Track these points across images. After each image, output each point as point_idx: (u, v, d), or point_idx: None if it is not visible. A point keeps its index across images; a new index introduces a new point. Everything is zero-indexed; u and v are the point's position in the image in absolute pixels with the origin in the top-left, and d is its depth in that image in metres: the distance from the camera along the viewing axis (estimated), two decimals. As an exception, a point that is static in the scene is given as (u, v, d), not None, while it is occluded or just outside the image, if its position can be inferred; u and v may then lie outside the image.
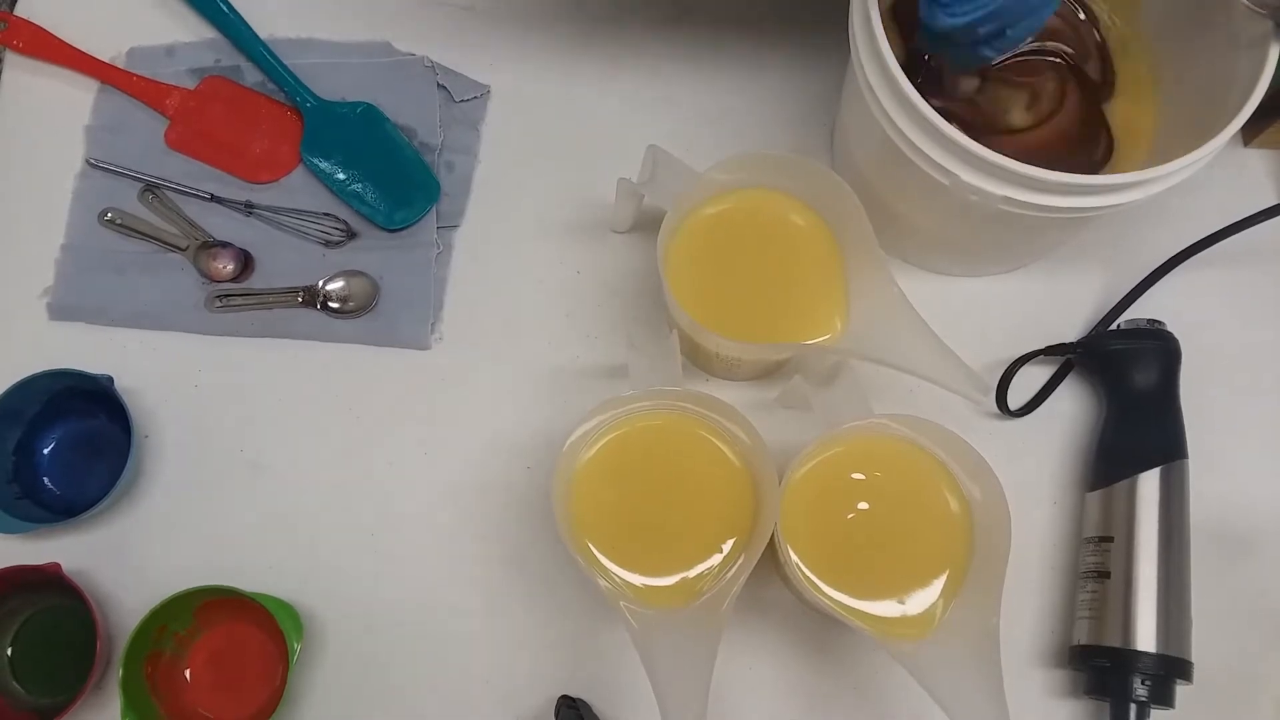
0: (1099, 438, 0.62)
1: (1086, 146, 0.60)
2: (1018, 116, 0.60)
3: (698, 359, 0.63)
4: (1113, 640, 0.57)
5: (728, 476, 0.55)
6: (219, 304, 0.66)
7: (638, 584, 0.53)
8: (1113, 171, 0.59)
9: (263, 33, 0.70)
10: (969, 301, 0.66)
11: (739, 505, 0.54)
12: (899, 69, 0.50)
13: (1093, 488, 0.61)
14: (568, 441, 0.53)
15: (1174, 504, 0.58)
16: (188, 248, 0.67)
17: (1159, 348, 0.61)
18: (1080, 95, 0.61)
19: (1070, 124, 0.60)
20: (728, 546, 0.54)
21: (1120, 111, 0.61)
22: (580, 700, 0.59)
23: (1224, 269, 0.65)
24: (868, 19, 0.52)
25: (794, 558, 0.53)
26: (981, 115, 0.60)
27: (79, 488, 0.64)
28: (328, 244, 0.67)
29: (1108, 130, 0.61)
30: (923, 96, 0.50)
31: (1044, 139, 0.60)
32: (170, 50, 0.71)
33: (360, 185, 0.67)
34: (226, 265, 0.66)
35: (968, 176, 0.51)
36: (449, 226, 0.68)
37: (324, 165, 0.68)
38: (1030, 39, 0.57)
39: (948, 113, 0.52)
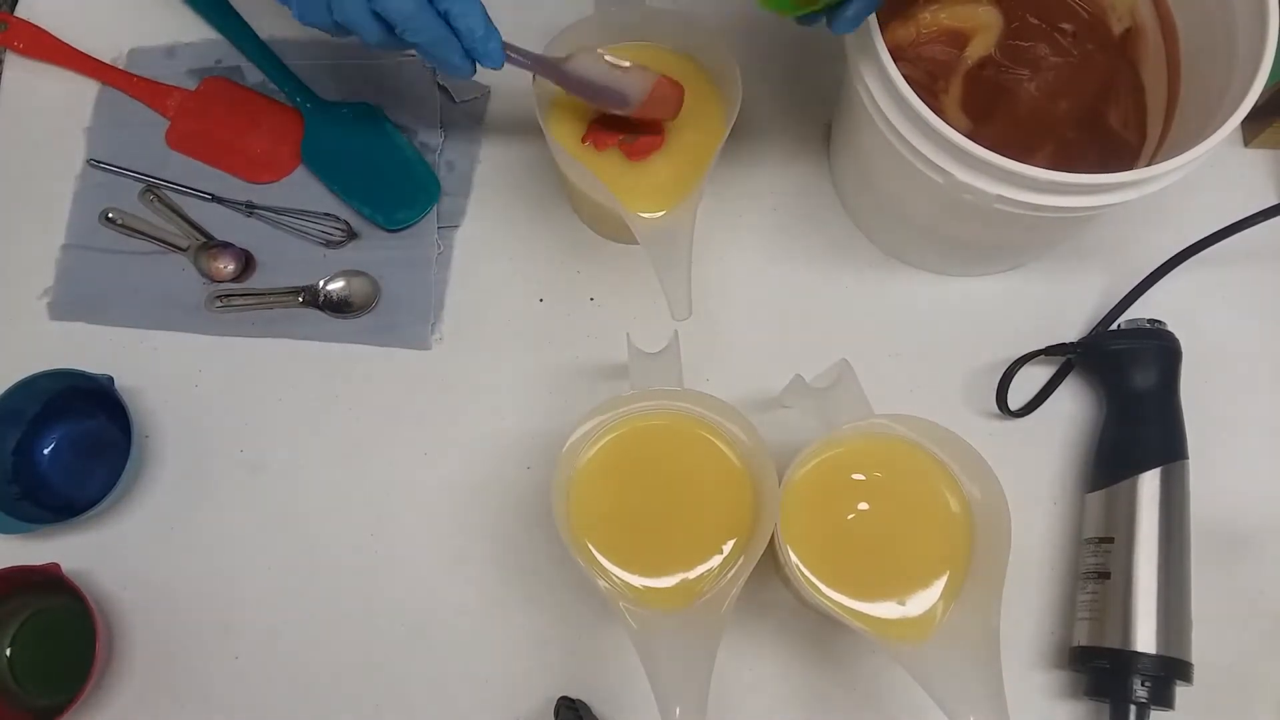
0: (1099, 438, 0.62)
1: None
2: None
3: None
4: (1113, 641, 0.56)
5: (728, 477, 0.55)
6: (219, 304, 0.66)
7: (637, 585, 0.53)
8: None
9: (263, 33, 0.70)
10: (969, 301, 0.66)
11: (739, 506, 0.54)
12: (894, 66, 0.50)
13: (1093, 488, 0.61)
14: (568, 442, 0.53)
15: (1174, 504, 0.58)
16: (188, 248, 0.67)
17: (1159, 348, 0.61)
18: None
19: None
20: (727, 547, 0.54)
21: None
22: (580, 700, 0.59)
23: (1224, 269, 0.65)
24: None
25: (794, 558, 0.53)
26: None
27: (79, 488, 0.64)
28: (328, 244, 0.67)
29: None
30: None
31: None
32: (171, 51, 0.71)
33: (360, 185, 0.67)
34: (227, 265, 0.66)
35: (962, 175, 0.51)
36: (449, 226, 0.68)
37: (324, 165, 0.68)
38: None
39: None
